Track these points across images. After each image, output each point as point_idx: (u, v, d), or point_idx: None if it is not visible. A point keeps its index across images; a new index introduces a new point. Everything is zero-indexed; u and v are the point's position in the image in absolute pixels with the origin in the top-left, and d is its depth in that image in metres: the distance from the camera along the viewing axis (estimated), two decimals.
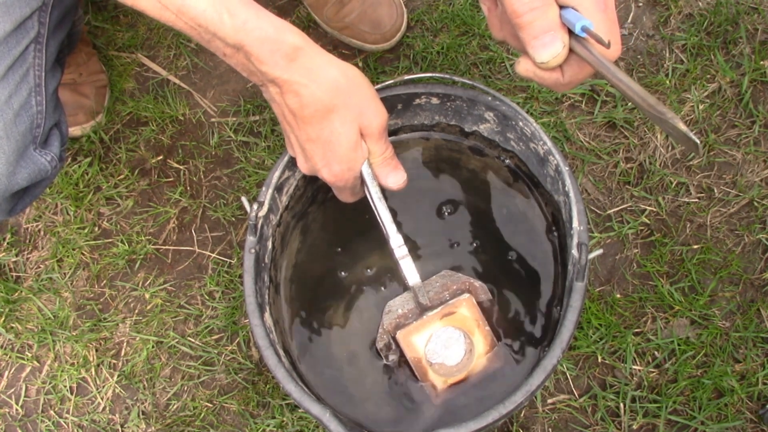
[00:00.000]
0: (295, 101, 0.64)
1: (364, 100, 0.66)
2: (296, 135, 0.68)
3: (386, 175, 0.72)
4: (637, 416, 1.00)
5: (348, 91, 0.65)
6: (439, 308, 0.80)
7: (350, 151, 0.68)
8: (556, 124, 1.17)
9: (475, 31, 1.24)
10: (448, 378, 0.80)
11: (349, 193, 0.75)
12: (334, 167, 0.69)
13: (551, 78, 0.63)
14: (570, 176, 0.77)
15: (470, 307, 0.80)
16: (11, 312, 1.13)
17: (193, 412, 1.06)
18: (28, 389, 1.10)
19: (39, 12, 0.76)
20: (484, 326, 0.80)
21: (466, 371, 0.79)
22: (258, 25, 0.61)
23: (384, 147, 0.70)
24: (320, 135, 0.66)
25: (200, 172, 1.20)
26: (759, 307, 1.06)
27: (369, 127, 0.68)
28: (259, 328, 0.76)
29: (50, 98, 0.81)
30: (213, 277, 1.13)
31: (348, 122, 0.66)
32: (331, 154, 0.68)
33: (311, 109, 0.64)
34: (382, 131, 0.69)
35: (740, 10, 1.22)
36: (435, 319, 0.80)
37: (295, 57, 0.62)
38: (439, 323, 0.79)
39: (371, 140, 0.69)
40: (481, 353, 0.79)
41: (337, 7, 1.23)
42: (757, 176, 1.13)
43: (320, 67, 0.63)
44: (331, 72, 0.64)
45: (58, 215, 1.19)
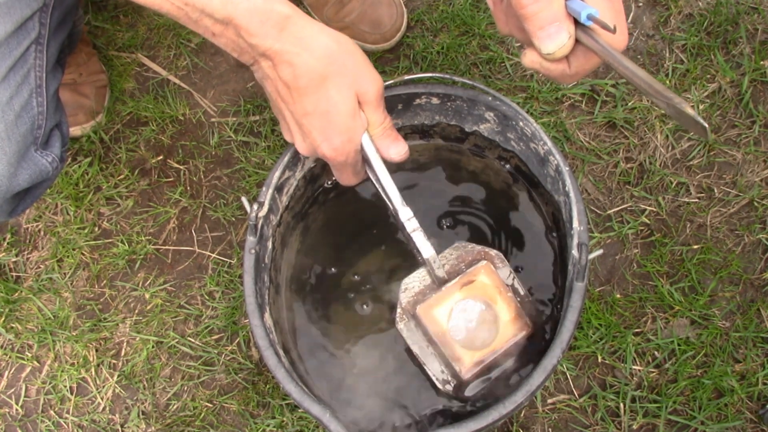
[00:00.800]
0: (289, 72, 0.63)
1: (358, 66, 0.65)
2: (292, 111, 0.66)
3: (387, 147, 0.70)
4: (637, 416, 1.00)
5: (341, 58, 0.64)
6: (457, 278, 0.77)
7: (349, 119, 0.66)
8: (556, 124, 1.17)
9: (475, 31, 1.24)
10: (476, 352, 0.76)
11: (351, 171, 0.72)
12: (334, 140, 0.67)
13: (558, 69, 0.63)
14: (570, 176, 0.77)
15: (489, 274, 0.76)
16: (11, 312, 1.13)
17: (193, 412, 1.06)
18: (28, 389, 1.10)
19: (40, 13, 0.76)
20: (506, 292, 0.77)
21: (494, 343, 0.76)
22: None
23: (382, 116, 0.68)
24: (317, 105, 0.64)
25: (200, 172, 1.20)
26: (759, 307, 1.06)
27: (366, 93, 0.66)
28: (259, 328, 0.76)
29: (51, 99, 0.81)
30: (213, 277, 1.13)
31: (344, 89, 0.64)
32: (330, 125, 0.66)
33: (305, 78, 0.63)
34: (379, 99, 0.67)
35: (740, 10, 1.22)
36: (455, 289, 0.76)
37: (285, 26, 0.61)
38: (458, 294, 0.76)
39: (369, 108, 0.67)
40: (506, 320, 0.76)
41: (337, 7, 1.23)
42: (757, 176, 1.13)
43: (312, 35, 0.62)
44: (323, 39, 0.63)
45: (58, 215, 1.19)
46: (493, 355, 0.76)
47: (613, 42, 0.58)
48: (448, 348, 0.76)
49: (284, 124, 0.70)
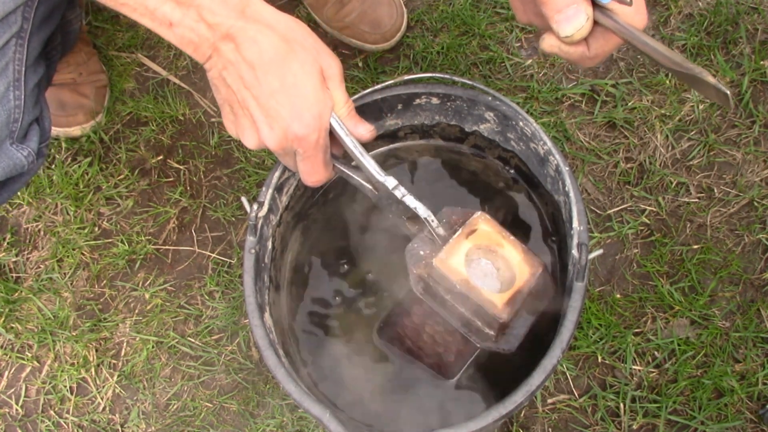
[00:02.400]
0: (254, 49, 0.62)
1: (318, 44, 0.66)
2: (257, 95, 0.65)
3: (355, 126, 0.70)
4: (637, 416, 1.00)
5: (302, 36, 0.65)
6: (459, 230, 0.76)
7: (317, 92, 0.65)
8: (556, 124, 1.17)
9: (475, 31, 1.24)
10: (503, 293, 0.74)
11: (321, 159, 0.70)
12: (304, 115, 0.65)
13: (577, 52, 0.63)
14: (570, 176, 0.77)
15: (488, 222, 0.76)
16: (11, 312, 1.13)
17: (193, 412, 1.06)
18: (28, 389, 1.10)
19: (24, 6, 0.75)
20: (509, 236, 0.76)
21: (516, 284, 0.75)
22: None
23: (345, 96, 0.69)
24: (284, 80, 0.64)
25: (200, 172, 1.20)
26: (759, 307, 1.05)
27: (329, 69, 0.66)
28: (259, 328, 0.76)
29: (30, 93, 0.79)
30: (213, 277, 1.13)
31: (308, 64, 0.64)
32: (299, 99, 0.65)
33: (271, 52, 0.63)
34: (340, 75, 0.68)
35: (740, 10, 1.22)
36: (461, 239, 0.75)
37: (244, 8, 0.62)
38: (466, 242, 0.75)
39: (333, 84, 0.67)
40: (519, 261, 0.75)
41: (337, 7, 1.23)
42: (757, 176, 1.13)
43: (270, 15, 0.64)
44: (282, 18, 0.64)
45: (58, 215, 1.19)
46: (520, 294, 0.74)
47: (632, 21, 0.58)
48: (476, 294, 0.73)
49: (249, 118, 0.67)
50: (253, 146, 0.68)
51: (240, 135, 0.69)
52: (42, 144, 0.84)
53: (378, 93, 0.86)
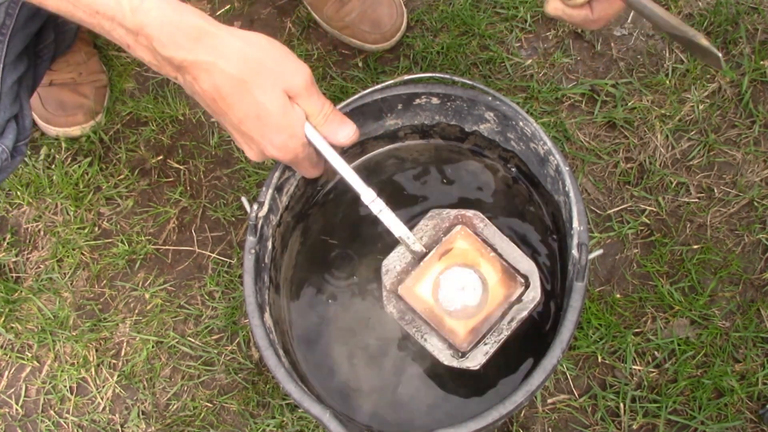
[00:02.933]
0: (209, 83, 0.62)
1: (278, 62, 0.63)
2: (229, 121, 0.65)
3: (334, 133, 0.68)
4: (637, 416, 1.00)
5: (258, 59, 0.62)
6: (434, 250, 0.74)
7: (282, 117, 0.64)
8: (556, 124, 1.17)
9: (475, 31, 1.24)
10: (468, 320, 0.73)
11: (308, 165, 0.71)
12: (274, 140, 0.66)
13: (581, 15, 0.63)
14: (570, 176, 0.77)
15: (466, 238, 0.74)
16: (11, 312, 1.13)
17: (193, 412, 1.06)
18: (28, 389, 1.10)
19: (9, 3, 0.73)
20: (488, 253, 0.74)
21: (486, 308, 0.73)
22: (156, 4, 0.58)
23: (320, 104, 0.66)
24: (247, 111, 0.63)
25: (200, 172, 1.20)
26: (759, 307, 1.06)
27: (293, 86, 0.64)
28: (259, 328, 0.76)
29: (8, 90, 0.78)
30: (213, 277, 1.13)
31: (268, 89, 0.63)
32: (266, 127, 0.65)
33: (227, 87, 0.62)
34: (309, 87, 0.65)
35: (740, 10, 1.22)
36: (433, 261, 0.74)
37: (198, 37, 0.60)
38: (438, 264, 0.73)
39: (301, 99, 0.65)
40: (495, 282, 0.73)
41: (337, 6, 1.23)
42: (757, 176, 1.13)
43: (224, 43, 0.61)
44: (236, 44, 0.61)
45: (58, 215, 1.19)
46: (487, 321, 0.73)
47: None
48: (438, 323, 0.74)
49: (231, 136, 0.69)
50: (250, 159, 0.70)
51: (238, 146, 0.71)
52: (20, 142, 0.82)
53: (378, 93, 0.86)
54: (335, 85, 1.23)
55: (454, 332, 0.73)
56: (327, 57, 1.26)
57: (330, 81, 1.24)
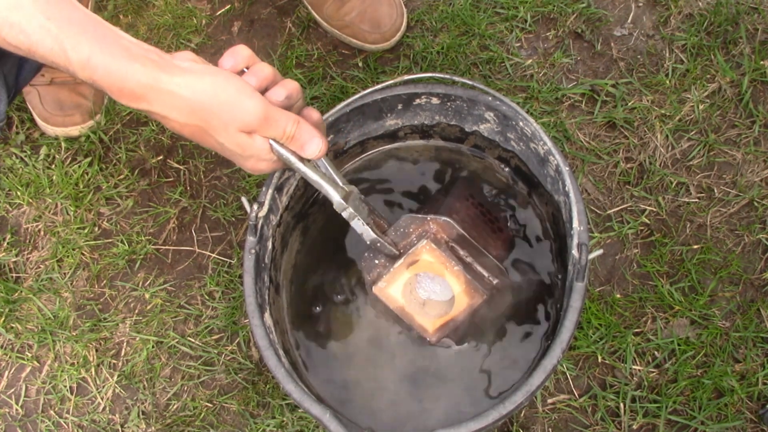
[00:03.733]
0: (171, 126, 0.66)
1: (227, 105, 0.64)
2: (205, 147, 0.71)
3: (301, 149, 0.69)
4: (637, 416, 1.00)
5: (208, 107, 0.63)
6: (402, 259, 0.79)
7: (244, 151, 0.67)
8: (556, 124, 1.17)
9: (475, 31, 1.24)
10: (437, 318, 0.80)
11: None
12: (246, 165, 0.70)
13: None
14: (570, 176, 0.77)
15: (431, 252, 0.78)
16: (11, 312, 1.13)
17: (193, 412, 1.06)
18: (28, 389, 1.10)
19: None
20: (452, 266, 0.78)
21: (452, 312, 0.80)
22: (102, 61, 0.59)
23: (280, 129, 0.67)
24: (214, 147, 0.68)
25: (200, 172, 1.20)
26: (759, 307, 1.06)
27: (248, 125, 0.65)
28: (259, 328, 0.76)
29: None
30: (213, 277, 1.13)
31: (222, 132, 0.65)
32: (234, 157, 0.69)
33: (186, 132, 0.66)
34: (264, 120, 0.65)
35: (740, 10, 1.22)
36: (402, 269, 0.79)
37: (144, 95, 0.62)
38: (406, 272, 0.79)
39: (261, 131, 0.67)
40: (459, 291, 0.78)
41: (337, 5, 1.23)
42: (757, 176, 1.13)
43: (172, 97, 0.62)
44: (183, 95, 0.62)
45: (58, 215, 1.19)
46: (453, 322, 0.80)
47: None
48: (409, 320, 0.82)
49: None
50: None
51: None
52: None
53: (378, 93, 0.86)
54: (335, 85, 1.23)
55: (424, 328, 0.82)
56: (327, 57, 1.26)
57: (330, 81, 1.24)
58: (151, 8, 1.33)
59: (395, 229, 0.81)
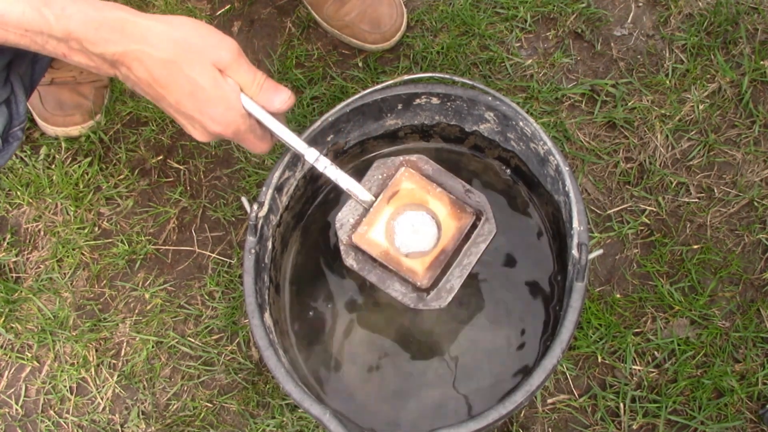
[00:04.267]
0: (142, 69, 0.65)
1: (203, 38, 0.66)
2: (168, 104, 0.68)
3: (270, 101, 0.70)
4: (637, 416, 1.00)
5: (184, 38, 0.65)
6: (381, 195, 0.76)
7: (214, 89, 0.67)
8: (556, 124, 1.17)
9: (475, 31, 1.24)
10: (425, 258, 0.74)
11: (253, 138, 0.73)
12: (213, 114, 0.68)
13: None
14: (570, 176, 0.77)
15: (411, 178, 0.75)
16: (11, 312, 1.13)
17: (193, 412, 1.06)
18: (28, 389, 1.10)
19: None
20: (435, 188, 0.75)
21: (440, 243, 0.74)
22: (77, 8, 0.61)
23: (251, 74, 0.69)
24: (181, 89, 0.66)
25: (200, 172, 1.20)
26: (759, 307, 1.06)
27: (221, 60, 0.66)
28: (259, 328, 0.76)
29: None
30: (213, 277, 1.13)
31: (197, 64, 0.66)
32: (202, 103, 0.67)
33: (157, 69, 0.65)
34: (238, 59, 0.67)
35: (740, 10, 1.22)
36: (383, 205, 0.75)
37: (122, 28, 0.63)
38: (388, 207, 0.75)
39: (232, 71, 0.68)
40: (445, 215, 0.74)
41: (337, 5, 1.23)
42: (757, 176, 1.13)
43: (149, 30, 0.64)
44: (160, 28, 0.64)
45: (58, 215, 1.19)
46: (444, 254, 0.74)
47: None
48: (396, 265, 0.74)
49: (175, 120, 0.71)
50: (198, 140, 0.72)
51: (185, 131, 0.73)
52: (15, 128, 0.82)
53: (378, 93, 0.86)
54: (335, 85, 1.23)
55: (413, 271, 0.74)
56: (327, 57, 1.26)
57: (330, 81, 1.24)
58: (151, 8, 1.33)
59: (368, 179, 0.79)
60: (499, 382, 0.86)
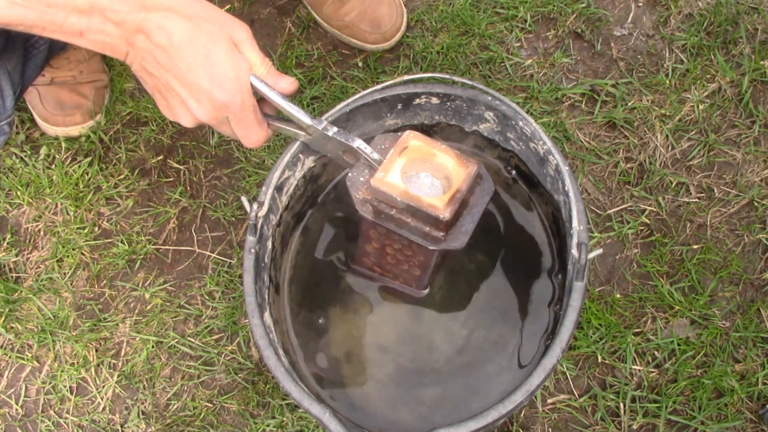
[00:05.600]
0: (162, 34, 0.66)
1: (222, 15, 0.70)
2: (177, 75, 0.69)
3: (277, 82, 0.73)
4: (637, 416, 1.00)
5: (204, 11, 0.69)
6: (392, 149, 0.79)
7: (230, 58, 0.69)
8: (556, 124, 1.17)
9: (475, 31, 1.25)
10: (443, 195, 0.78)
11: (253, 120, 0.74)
12: (224, 82, 0.69)
13: None
14: (570, 176, 0.77)
15: (417, 137, 0.79)
16: (11, 312, 1.13)
17: (193, 412, 1.06)
18: (28, 389, 1.10)
19: None
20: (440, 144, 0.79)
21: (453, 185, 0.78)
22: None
23: (261, 56, 0.72)
24: (196, 55, 0.67)
25: (200, 172, 1.20)
26: (759, 307, 1.05)
27: (237, 34, 0.70)
28: (259, 327, 0.76)
29: None
30: (213, 277, 1.13)
31: (216, 35, 0.68)
32: (215, 69, 0.68)
33: (178, 34, 0.66)
34: (250, 38, 0.71)
35: (740, 10, 1.22)
36: (395, 156, 0.78)
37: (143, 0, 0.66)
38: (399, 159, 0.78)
39: (245, 48, 0.71)
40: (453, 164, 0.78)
41: (337, 5, 1.23)
42: (757, 176, 1.13)
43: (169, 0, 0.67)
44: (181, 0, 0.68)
45: (58, 215, 1.19)
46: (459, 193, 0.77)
47: None
48: (417, 201, 0.76)
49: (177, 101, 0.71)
50: (189, 124, 0.73)
51: (175, 116, 0.73)
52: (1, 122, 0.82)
53: (378, 93, 0.86)
54: (335, 85, 1.23)
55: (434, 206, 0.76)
56: (327, 57, 1.26)
57: (330, 81, 1.24)
58: None
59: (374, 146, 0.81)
60: (498, 382, 0.86)
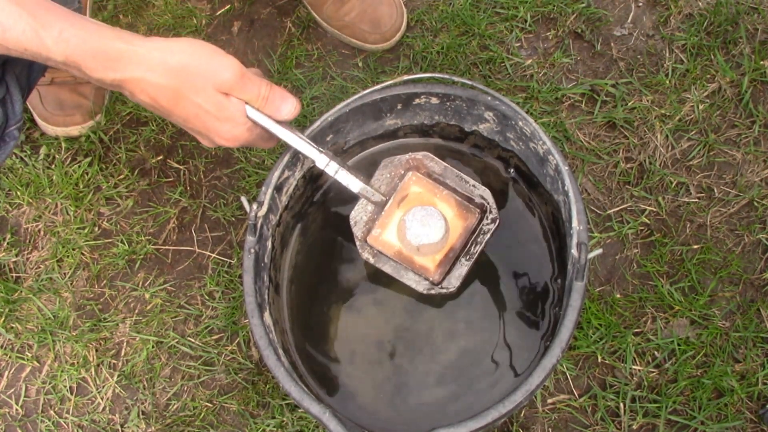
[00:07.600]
0: (146, 96, 0.66)
1: (203, 63, 0.66)
2: (175, 121, 0.70)
3: (278, 110, 0.72)
4: (637, 416, 1.00)
5: (184, 65, 0.65)
6: (391, 198, 0.80)
7: (220, 112, 0.68)
8: (556, 124, 1.17)
9: (475, 31, 1.24)
10: (435, 255, 0.80)
11: (261, 142, 0.76)
12: (221, 131, 0.70)
13: None
14: (569, 176, 0.77)
15: (418, 182, 0.80)
16: (11, 312, 1.13)
17: (193, 412, 1.06)
18: (28, 389, 1.10)
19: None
20: (442, 191, 0.80)
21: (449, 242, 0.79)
22: (74, 33, 0.62)
23: (255, 90, 0.69)
24: (187, 114, 0.68)
25: (200, 172, 1.20)
26: (759, 307, 1.05)
27: (224, 83, 0.67)
28: (259, 327, 0.76)
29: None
30: (213, 277, 1.13)
31: (201, 92, 0.66)
32: (210, 123, 0.69)
33: (162, 98, 0.66)
34: (240, 79, 0.68)
35: (740, 10, 1.22)
36: (393, 209, 0.80)
37: (120, 58, 0.64)
38: (398, 211, 0.79)
39: (236, 92, 0.69)
40: (452, 216, 0.79)
41: (337, 5, 1.23)
42: (757, 176, 1.13)
43: (147, 58, 0.64)
44: (158, 56, 0.65)
45: (58, 215, 1.19)
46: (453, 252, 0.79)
47: None
48: (409, 263, 0.81)
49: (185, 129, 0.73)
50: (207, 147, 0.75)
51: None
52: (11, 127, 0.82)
53: (378, 93, 0.86)
54: (335, 85, 1.23)
55: (425, 268, 0.80)
56: (327, 57, 1.26)
57: (330, 81, 1.24)
58: (150, 8, 1.33)
59: (377, 179, 0.83)
60: (498, 382, 0.86)
